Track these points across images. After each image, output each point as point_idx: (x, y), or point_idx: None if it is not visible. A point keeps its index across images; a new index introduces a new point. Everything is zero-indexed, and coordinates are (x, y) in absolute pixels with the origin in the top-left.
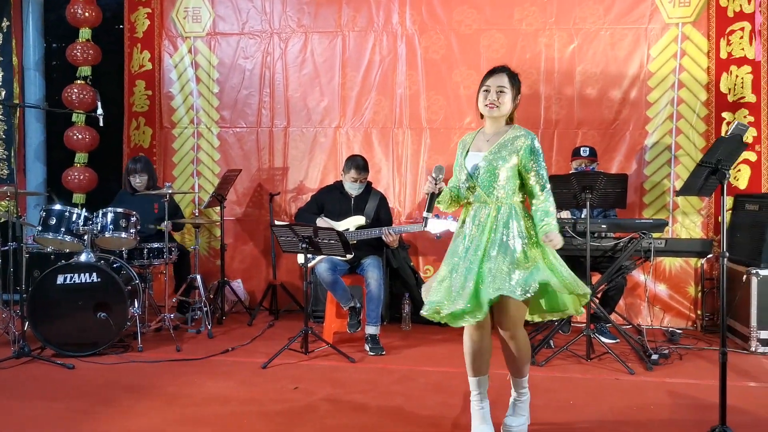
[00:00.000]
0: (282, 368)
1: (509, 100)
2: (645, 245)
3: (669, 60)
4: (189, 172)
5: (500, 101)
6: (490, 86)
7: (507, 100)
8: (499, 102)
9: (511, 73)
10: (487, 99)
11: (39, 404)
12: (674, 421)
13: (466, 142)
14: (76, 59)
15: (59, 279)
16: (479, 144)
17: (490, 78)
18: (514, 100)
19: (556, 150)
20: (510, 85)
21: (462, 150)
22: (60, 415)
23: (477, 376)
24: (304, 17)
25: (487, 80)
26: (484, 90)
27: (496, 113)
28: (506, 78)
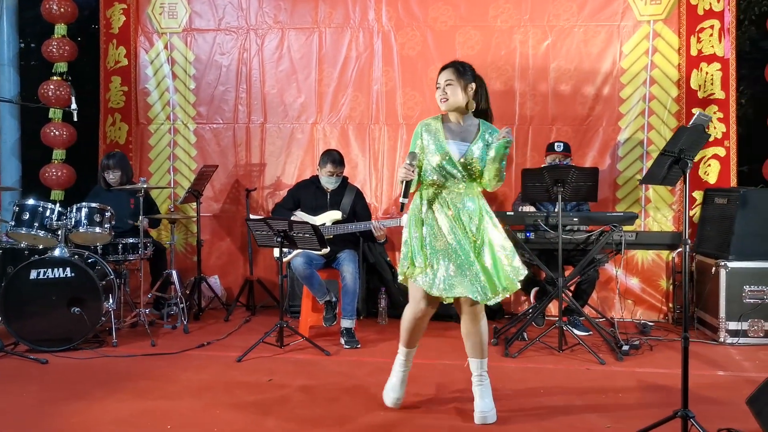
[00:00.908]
0: (257, 362)
1: (459, 91)
2: (616, 238)
3: (641, 57)
4: (165, 168)
5: (449, 94)
6: (440, 83)
7: (455, 92)
8: (448, 95)
9: (458, 67)
10: (438, 95)
11: (9, 398)
12: (641, 407)
13: (436, 128)
14: (51, 55)
15: (32, 274)
16: (456, 133)
17: (439, 75)
18: (466, 90)
19: (531, 146)
20: (457, 77)
21: (431, 135)
22: (29, 409)
23: (409, 348)
24: (280, 13)
25: (438, 78)
26: (437, 87)
27: (447, 106)
28: (452, 72)
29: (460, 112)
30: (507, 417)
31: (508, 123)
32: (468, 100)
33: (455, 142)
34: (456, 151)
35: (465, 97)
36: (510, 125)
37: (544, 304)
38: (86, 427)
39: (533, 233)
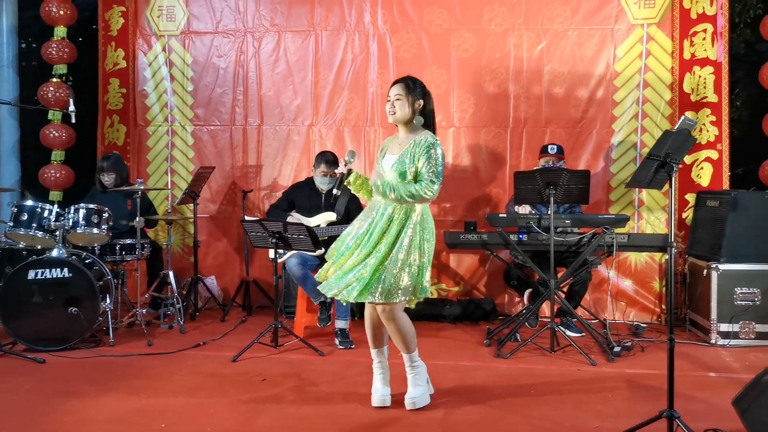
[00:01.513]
0: (252, 362)
1: (405, 105)
2: (608, 240)
3: (634, 60)
4: (163, 169)
5: (395, 108)
6: (390, 96)
7: (402, 106)
8: (395, 109)
9: (408, 82)
10: (387, 108)
11: (5, 397)
12: (629, 407)
13: (385, 146)
14: (51, 57)
15: (30, 274)
16: (393, 147)
17: (390, 89)
18: (413, 105)
19: (525, 148)
20: (405, 92)
21: (381, 153)
22: (25, 407)
23: (377, 348)
24: (277, 16)
25: (389, 91)
26: (387, 100)
27: (393, 119)
28: (402, 87)
29: (406, 125)
30: (497, 416)
31: (502, 125)
32: (414, 115)
33: (389, 155)
34: (384, 165)
35: (411, 111)
36: (504, 128)
37: (537, 305)
38: (81, 425)
39: (526, 235)
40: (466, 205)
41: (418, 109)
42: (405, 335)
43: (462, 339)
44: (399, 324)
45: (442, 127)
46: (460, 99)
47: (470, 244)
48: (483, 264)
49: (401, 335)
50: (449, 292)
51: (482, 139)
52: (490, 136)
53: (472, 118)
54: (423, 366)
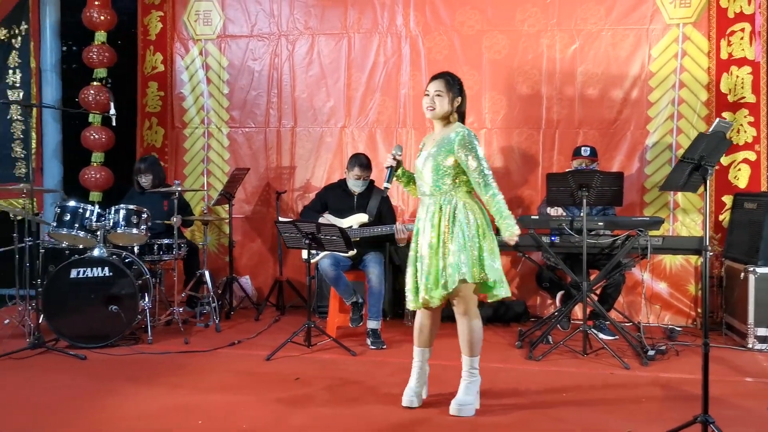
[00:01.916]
0: (285, 360)
1: (446, 102)
2: (642, 243)
3: (670, 60)
4: (200, 170)
5: (435, 104)
6: (429, 91)
7: (441, 102)
8: (434, 105)
9: (448, 78)
10: (426, 103)
11: (48, 392)
12: (663, 412)
13: (423, 144)
14: (92, 61)
15: (73, 273)
16: (428, 144)
17: (429, 84)
18: (453, 102)
19: (557, 150)
20: (446, 89)
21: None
22: (66, 403)
23: (421, 347)
24: (310, 19)
25: (428, 86)
26: (425, 95)
27: (432, 115)
28: (442, 83)
29: (443, 122)
30: (527, 419)
31: (535, 127)
32: (452, 112)
33: (425, 151)
34: (420, 161)
35: (450, 108)
36: (536, 129)
37: (569, 307)
38: (121, 421)
39: (558, 237)
40: None
41: (456, 106)
42: (473, 335)
43: (493, 341)
44: (470, 322)
45: (473, 128)
46: (492, 100)
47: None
48: (515, 266)
49: (469, 335)
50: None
51: (514, 141)
52: (522, 137)
53: (504, 120)
54: (479, 377)
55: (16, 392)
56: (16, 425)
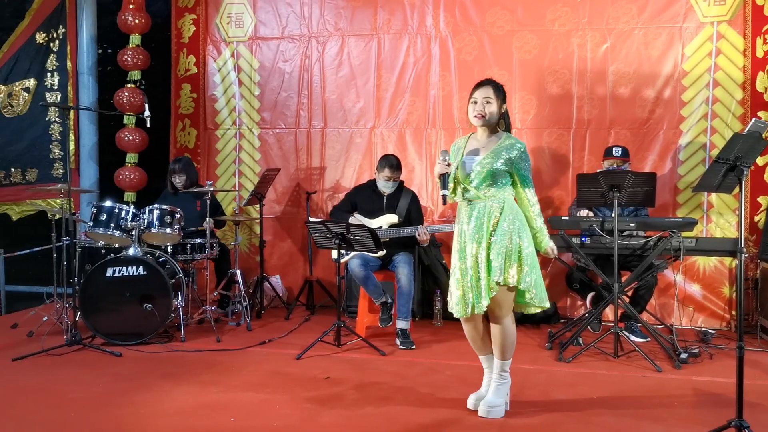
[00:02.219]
0: (315, 360)
1: (495, 109)
2: (675, 244)
3: (704, 59)
4: (231, 171)
5: (486, 111)
6: (477, 98)
7: (493, 109)
8: (485, 112)
9: (496, 85)
10: (475, 110)
11: (84, 388)
12: (695, 416)
13: (460, 146)
14: (126, 64)
15: (108, 272)
16: (474, 149)
17: (477, 91)
18: (501, 109)
19: (588, 150)
20: (495, 96)
21: (456, 153)
22: (101, 398)
23: (483, 355)
24: (341, 21)
25: (475, 93)
26: (473, 102)
27: (483, 122)
28: (491, 89)
29: (489, 129)
30: (556, 421)
31: (565, 127)
32: (499, 119)
33: (469, 157)
34: (468, 166)
35: (498, 114)
36: (567, 129)
37: (600, 309)
38: (154, 417)
39: (589, 238)
40: None
41: (503, 111)
42: (506, 339)
43: (523, 342)
44: (505, 327)
45: None
46: (522, 100)
47: None
48: (545, 266)
49: (503, 338)
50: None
51: (544, 141)
52: (552, 137)
53: (535, 120)
54: (509, 379)
55: (55, 388)
56: (54, 420)
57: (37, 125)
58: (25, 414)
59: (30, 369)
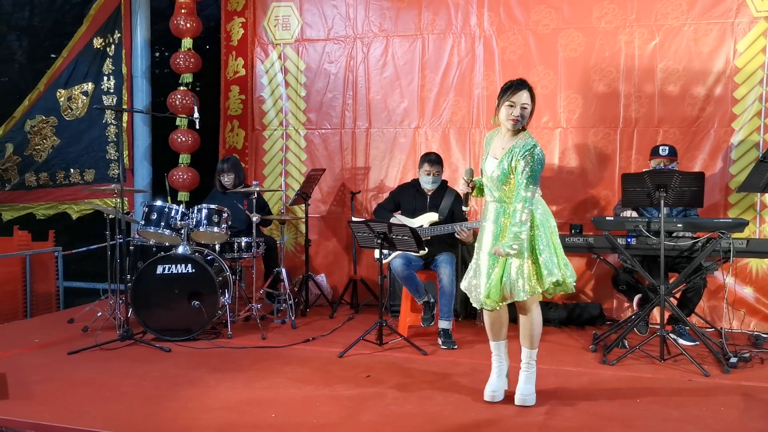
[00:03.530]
0: (357, 358)
1: (529, 114)
2: (724, 245)
3: (757, 55)
4: (278, 171)
5: (523, 116)
6: (515, 102)
7: (526, 115)
8: (522, 117)
9: (530, 89)
10: (512, 115)
11: (134, 382)
12: (742, 422)
13: (489, 142)
14: (178, 67)
15: (158, 269)
16: (496, 150)
17: (513, 95)
18: (532, 114)
19: (635, 149)
20: (531, 102)
21: (486, 150)
22: (151, 391)
23: (495, 341)
24: (385, 22)
25: (512, 96)
26: (509, 105)
27: (516, 127)
28: (530, 96)
29: (516, 130)
30: (597, 424)
31: (612, 125)
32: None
33: (492, 158)
34: (488, 167)
35: (530, 119)
36: (614, 128)
37: (646, 311)
38: (200, 412)
39: (635, 239)
40: (572, 207)
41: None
42: (534, 329)
43: (567, 343)
44: (533, 317)
45: (548, 127)
46: (568, 99)
47: (576, 248)
48: (590, 268)
49: (531, 329)
50: (555, 295)
51: (590, 140)
52: (598, 136)
53: (580, 119)
54: (536, 368)
55: (107, 381)
56: (106, 412)
57: (94, 127)
58: (78, 405)
59: (84, 362)
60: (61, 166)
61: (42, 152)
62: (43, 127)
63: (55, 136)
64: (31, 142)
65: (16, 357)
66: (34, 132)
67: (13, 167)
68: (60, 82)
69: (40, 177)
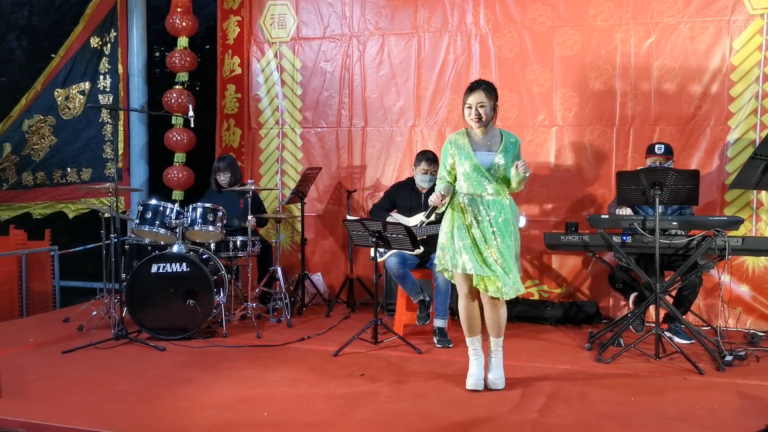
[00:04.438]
0: (352, 356)
1: (489, 111)
2: (719, 243)
3: (753, 52)
4: (274, 170)
5: (482, 114)
6: (471, 104)
7: (487, 111)
8: (482, 115)
9: (487, 87)
10: (471, 116)
11: (129, 380)
12: (736, 420)
13: (461, 144)
14: (174, 66)
15: (153, 268)
16: (481, 144)
17: (468, 97)
18: (494, 109)
19: (632, 147)
20: (487, 98)
21: (458, 150)
22: (144, 391)
23: (472, 336)
24: (381, 20)
25: (467, 99)
26: (467, 107)
27: (479, 125)
28: (483, 94)
29: (485, 127)
30: (591, 423)
31: (608, 123)
32: (494, 116)
33: (481, 152)
34: (483, 161)
35: (492, 113)
36: (610, 126)
37: (641, 309)
38: (194, 410)
39: (630, 237)
40: (569, 205)
41: (496, 109)
42: (502, 320)
43: (562, 342)
44: (502, 310)
45: (545, 125)
46: (564, 97)
47: (571, 246)
48: (586, 266)
49: (501, 320)
50: (551, 293)
51: (586, 138)
52: (594, 134)
53: (576, 117)
54: (502, 353)
55: (101, 380)
56: (100, 411)
57: (91, 126)
58: (73, 404)
59: (79, 362)
60: (59, 166)
61: (40, 152)
62: (41, 127)
63: (53, 135)
64: (29, 142)
65: (11, 356)
66: (32, 131)
67: (11, 167)
68: (57, 81)
69: (37, 176)
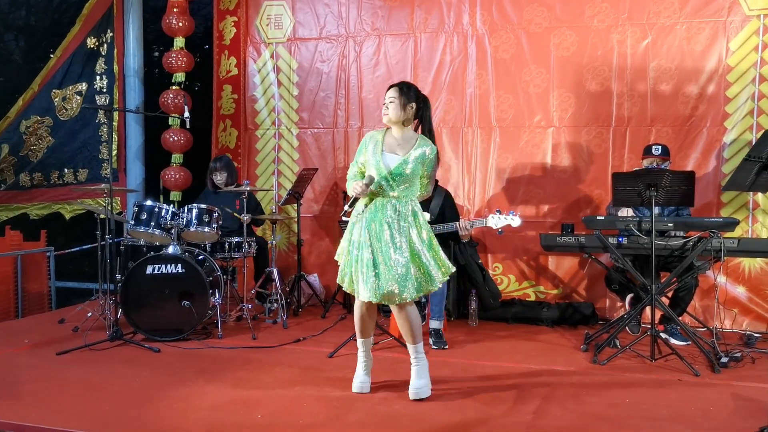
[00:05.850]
0: (347, 358)
1: (397, 107)
2: (715, 245)
3: (750, 53)
4: (271, 171)
5: (389, 110)
6: (385, 101)
7: (395, 107)
8: (387, 111)
9: (401, 86)
10: (383, 110)
11: (123, 382)
12: (730, 421)
13: (378, 140)
14: (170, 66)
15: (148, 269)
16: (392, 146)
17: (386, 92)
18: (405, 108)
19: (628, 148)
20: (398, 95)
21: (374, 146)
22: (139, 392)
23: (363, 338)
24: (377, 20)
25: (385, 94)
26: (384, 105)
27: (386, 120)
28: (395, 91)
29: (399, 127)
30: (586, 424)
31: (604, 124)
32: (406, 117)
33: (390, 154)
34: (388, 162)
35: (404, 114)
36: (606, 127)
37: (636, 310)
38: (188, 412)
39: (626, 238)
40: (565, 206)
41: (410, 111)
42: (413, 323)
43: (558, 343)
44: (408, 312)
45: (541, 126)
46: (560, 98)
47: (567, 247)
48: (582, 267)
49: (410, 324)
50: (547, 294)
51: (583, 139)
52: (591, 135)
53: (573, 118)
54: (426, 359)
55: (95, 381)
56: (94, 412)
57: (88, 127)
58: (66, 406)
59: (73, 363)
60: (56, 166)
61: (37, 152)
62: (38, 128)
63: (50, 136)
64: (26, 143)
65: (6, 357)
66: (30, 132)
67: (9, 168)
68: (54, 82)
69: (34, 177)
